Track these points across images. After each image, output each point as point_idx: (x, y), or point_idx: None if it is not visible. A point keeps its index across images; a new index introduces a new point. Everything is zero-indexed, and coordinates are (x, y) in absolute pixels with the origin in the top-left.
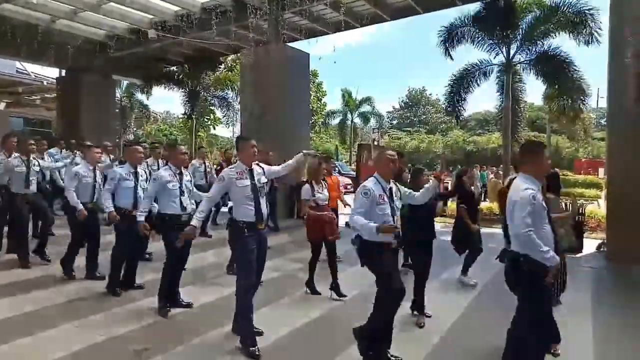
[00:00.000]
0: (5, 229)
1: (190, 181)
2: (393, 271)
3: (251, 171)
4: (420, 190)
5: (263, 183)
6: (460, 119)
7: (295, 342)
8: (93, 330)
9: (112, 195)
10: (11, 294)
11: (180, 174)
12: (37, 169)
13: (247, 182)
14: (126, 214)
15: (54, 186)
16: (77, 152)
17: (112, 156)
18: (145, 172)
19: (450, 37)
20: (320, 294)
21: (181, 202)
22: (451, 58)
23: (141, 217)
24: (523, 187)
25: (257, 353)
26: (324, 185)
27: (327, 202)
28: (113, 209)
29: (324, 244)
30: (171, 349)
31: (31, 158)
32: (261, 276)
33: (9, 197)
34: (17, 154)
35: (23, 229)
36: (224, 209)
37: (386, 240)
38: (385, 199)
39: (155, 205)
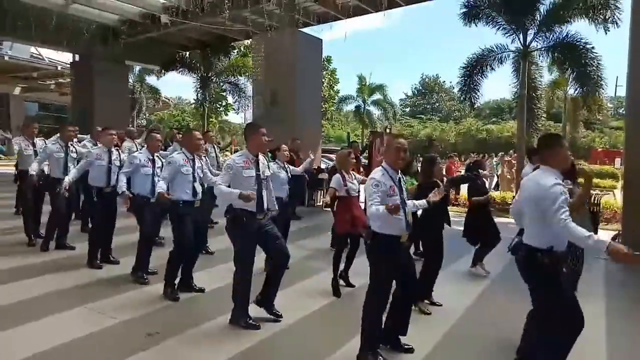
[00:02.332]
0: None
1: (201, 167)
2: (390, 277)
3: (257, 161)
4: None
5: (267, 175)
6: (475, 104)
7: (303, 329)
8: (106, 313)
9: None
10: (26, 277)
11: (194, 159)
12: (75, 155)
13: (253, 172)
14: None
15: None
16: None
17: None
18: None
19: (470, 12)
20: (340, 295)
21: (194, 188)
22: (475, 24)
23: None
24: (551, 182)
25: (256, 324)
26: (353, 176)
27: (358, 193)
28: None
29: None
30: (182, 332)
31: (69, 145)
32: (287, 256)
33: (49, 182)
34: (55, 140)
35: (58, 214)
36: None
37: (397, 233)
38: (396, 190)
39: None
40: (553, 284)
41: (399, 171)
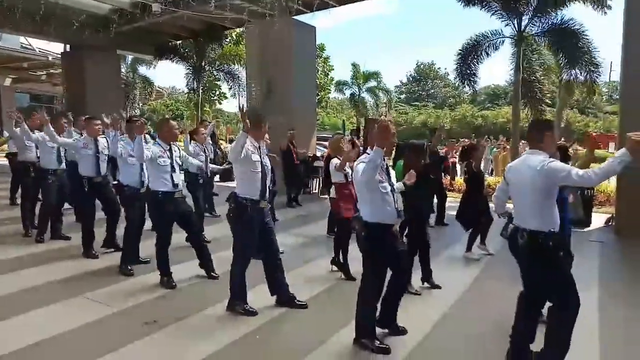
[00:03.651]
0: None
1: (180, 157)
2: (383, 266)
3: (260, 148)
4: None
5: (268, 162)
6: (475, 89)
7: (301, 315)
8: (103, 302)
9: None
10: (23, 267)
11: (170, 150)
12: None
13: (258, 157)
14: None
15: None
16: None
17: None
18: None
19: None
20: (355, 279)
21: (172, 179)
22: (471, 6)
23: None
24: (542, 159)
25: (253, 310)
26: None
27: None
28: None
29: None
30: (180, 320)
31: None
32: (278, 249)
33: (39, 173)
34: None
35: (49, 205)
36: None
37: (388, 222)
38: (384, 176)
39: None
40: (553, 266)
41: (386, 158)
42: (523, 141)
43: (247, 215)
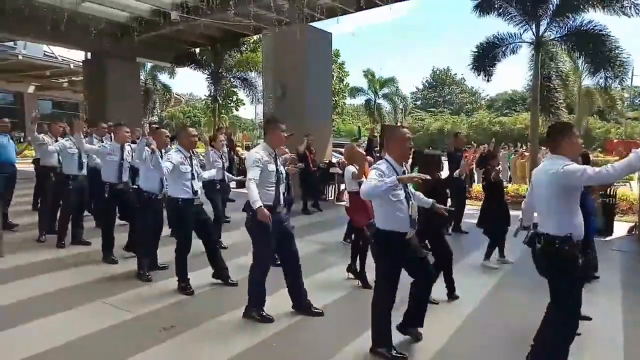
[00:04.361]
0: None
1: (199, 165)
2: (393, 274)
3: (276, 156)
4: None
5: (283, 170)
6: (490, 76)
7: (316, 322)
8: (122, 307)
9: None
10: (44, 272)
11: (191, 157)
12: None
13: (274, 167)
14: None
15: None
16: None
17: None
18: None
19: (482, 4)
20: (371, 287)
21: (192, 186)
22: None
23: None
24: (560, 164)
25: (270, 317)
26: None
27: None
28: None
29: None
30: (197, 326)
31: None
32: (298, 254)
33: (60, 178)
34: (67, 136)
35: (68, 210)
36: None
37: (401, 230)
38: (399, 184)
39: None
40: (569, 272)
41: (403, 164)
42: (543, 148)
43: (263, 222)
